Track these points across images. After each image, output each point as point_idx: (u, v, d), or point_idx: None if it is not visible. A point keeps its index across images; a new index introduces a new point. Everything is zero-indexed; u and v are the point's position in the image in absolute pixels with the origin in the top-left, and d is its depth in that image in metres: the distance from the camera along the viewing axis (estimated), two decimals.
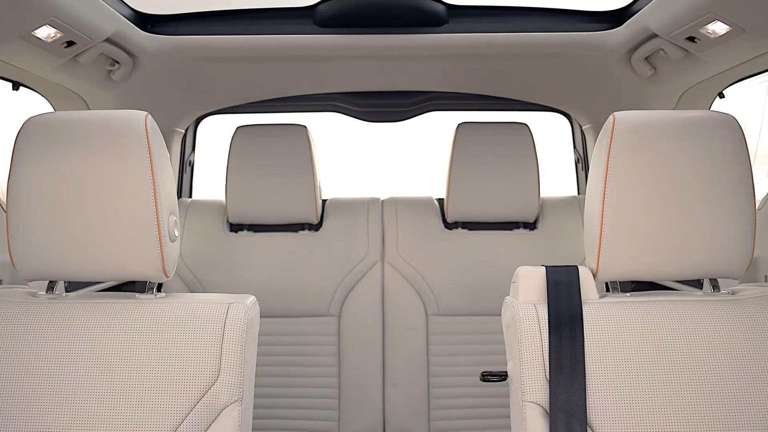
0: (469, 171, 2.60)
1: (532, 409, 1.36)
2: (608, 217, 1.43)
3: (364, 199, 2.76)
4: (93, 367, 1.37)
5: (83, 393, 1.35)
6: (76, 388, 1.35)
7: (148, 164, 1.40)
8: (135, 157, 1.40)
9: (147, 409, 1.34)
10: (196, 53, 2.36)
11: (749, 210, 1.43)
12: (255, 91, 2.79)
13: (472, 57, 2.43)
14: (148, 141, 1.40)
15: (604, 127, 1.46)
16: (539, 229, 2.68)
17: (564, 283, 1.45)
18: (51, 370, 1.37)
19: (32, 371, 1.37)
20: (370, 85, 2.78)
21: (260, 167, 2.61)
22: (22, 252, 1.43)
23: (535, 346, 1.38)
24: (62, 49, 1.94)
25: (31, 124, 1.45)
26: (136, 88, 2.43)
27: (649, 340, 1.39)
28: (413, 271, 2.59)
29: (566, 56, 2.41)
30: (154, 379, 1.36)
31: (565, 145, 3.21)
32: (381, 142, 4.07)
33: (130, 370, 1.37)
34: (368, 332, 2.59)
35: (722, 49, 1.94)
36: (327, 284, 2.59)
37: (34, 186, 1.41)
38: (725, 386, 1.35)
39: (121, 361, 1.37)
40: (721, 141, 1.43)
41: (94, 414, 1.34)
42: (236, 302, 1.45)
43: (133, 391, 1.35)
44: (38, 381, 1.36)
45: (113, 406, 1.34)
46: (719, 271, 1.46)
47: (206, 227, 2.68)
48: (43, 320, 1.42)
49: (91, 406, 1.34)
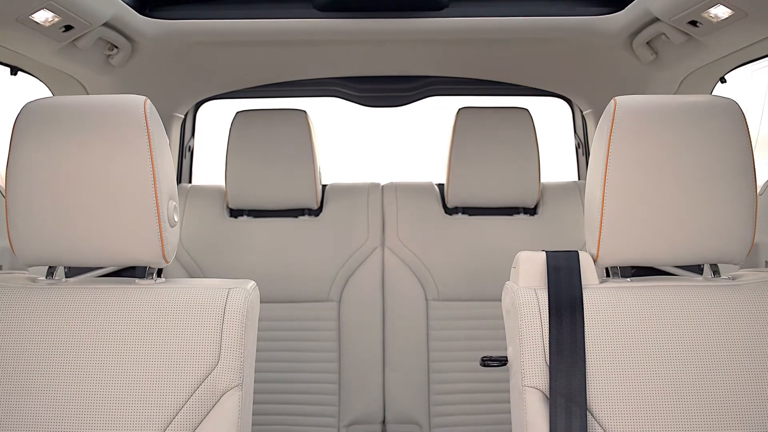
0: (470, 156, 2.59)
1: (532, 394, 1.36)
2: (609, 202, 1.42)
3: (364, 185, 2.76)
4: (93, 352, 1.37)
5: (83, 378, 1.35)
6: (76, 373, 1.36)
7: (147, 149, 1.39)
8: (134, 142, 1.39)
9: (147, 395, 1.34)
10: (196, 37, 2.35)
11: (750, 195, 1.42)
12: (254, 75, 2.78)
13: (472, 41, 2.42)
14: (147, 125, 1.39)
15: (606, 112, 1.45)
16: (539, 215, 2.68)
17: (564, 268, 1.45)
18: (51, 355, 1.37)
19: (32, 357, 1.37)
20: (370, 69, 2.77)
21: (260, 152, 2.61)
22: (22, 237, 1.43)
23: (536, 331, 1.39)
24: (60, 34, 1.93)
25: (30, 108, 1.44)
26: (135, 72, 2.42)
27: (649, 325, 1.39)
28: (413, 257, 2.59)
29: (567, 40, 2.40)
30: (154, 365, 1.36)
31: (565, 131, 3.20)
32: (381, 127, 4.06)
33: (130, 355, 1.37)
34: (368, 317, 2.59)
35: (724, 33, 1.93)
36: (327, 269, 2.59)
37: (33, 171, 1.40)
38: (725, 371, 1.35)
39: (120, 347, 1.38)
40: (723, 126, 1.42)
41: (94, 399, 1.34)
42: (236, 287, 1.45)
43: (133, 377, 1.35)
44: (38, 366, 1.36)
45: (113, 391, 1.34)
46: (720, 257, 1.46)
47: (206, 213, 2.68)
48: (42, 306, 1.42)
49: (90, 391, 1.34)
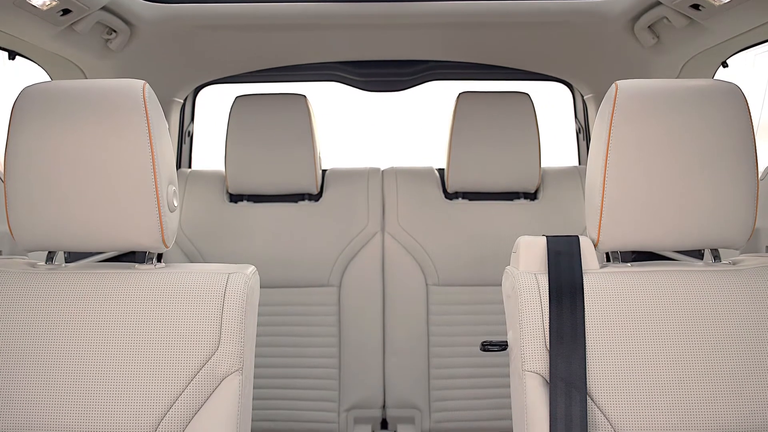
0: (470, 141, 2.58)
1: (532, 379, 1.36)
2: (610, 187, 1.42)
3: (364, 170, 2.75)
4: (93, 337, 1.37)
5: (83, 363, 1.35)
6: (76, 358, 1.36)
7: (147, 133, 1.39)
8: (133, 126, 1.38)
9: (147, 379, 1.34)
10: (195, 21, 2.33)
11: (752, 180, 1.42)
12: (254, 60, 2.77)
13: (473, 25, 2.41)
14: (146, 110, 1.39)
15: (607, 96, 1.44)
16: (540, 200, 2.67)
17: (565, 252, 1.45)
18: (51, 340, 1.37)
19: (32, 342, 1.37)
20: (371, 53, 2.75)
21: (260, 137, 2.60)
22: (21, 223, 1.43)
23: (536, 316, 1.38)
24: (58, 18, 1.91)
25: (28, 93, 1.43)
26: (134, 57, 2.41)
27: (649, 310, 1.39)
28: (413, 242, 2.59)
29: (568, 24, 2.38)
30: (154, 350, 1.36)
31: (566, 115, 3.19)
32: (381, 111, 4.05)
33: (130, 340, 1.37)
34: (368, 302, 2.59)
35: (727, 17, 1.92)
36: (327, 254, 2.59)
37: (32, 155, 1.39)
38: (725, 356, 1.35)
39: (120, 332, 1.38)
40: (725, 110, 1.41)
41: (94, 384, 1.34)
42: (236, 272, 1.45)
43: (133, 362, 1.35)
44: (38, 351, 1.36)
45: (113, 376, 1.34)
46: (720, 242, 1.46)
47: (206, 198, 2.67)
48: (42, 291, 1.42)
49: (90, 376, 1.35)
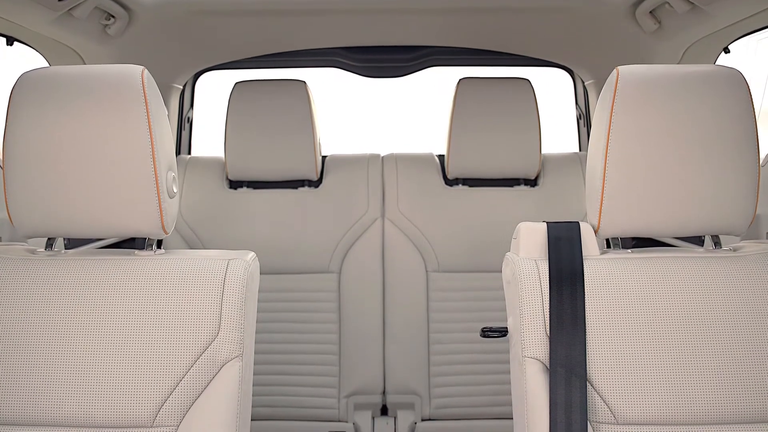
0: (470, 127, 2.58)
1: (532, 365, 1.36)
2: (610, 173, 1.41)
3: (364, 156, 2.74)
4: (92, 323, 1.37)
5: (82, 350, 1.35)
6: (75, 344, 1.36)
7: (146, 119, 1.38)
8: (132, 112, 1.38)
9: (147, 366, 1.34)
10: (193, 6, 2.32)
11: (753, 166, 1.41)
12: (253, 45, 2.76)
13: (473, 10, 2.39)
14: (145, 95, 1.38)
15: (608, 81, 1.44)
16: (540, 186, 2.67)
17: (565, 239, 1.45)
18: (50, 326, 1.37)
19: (31, 328, 1.37)
20: (371, 39, 2.74)
21: (259, 123, 2.59)
22: (20, 209, 1.42)
23: (536, 302, 1.38)
24: (55, 2, 1.90)
25: (26, 78, 1.42)
26: (133, 42, 2.39)
27: (650, 296, 1.39)
28: (413, 228, 2.59)
29: (569, 9, 2.37)
30: (154, 336, 1.36)
31: (567, 101, 3.18)
32: (381, 97, 4.03)
33: (130, 326, 1.37)
34: (368, 289, 2.60)
35: (729, 2, 1.90)
36: (327, 241, 2.59)
37: (31, 141, 1.39)
38: (725, 342, 1.35)
39: (120, 318, 1.37)
40: (726, 96, 1.40)
41: (94, 370, 1.34)
42: (236, 258, 1.45)
43: (133, 348, 1.35)
44: (38, 338, 1.36)
45: (113, 362, 1.35)
46: (721, 228, 1.45)
47: (205, 184, 2.67)
48: (42, 277, 1.42)
49: (90, 362, 1.35)
